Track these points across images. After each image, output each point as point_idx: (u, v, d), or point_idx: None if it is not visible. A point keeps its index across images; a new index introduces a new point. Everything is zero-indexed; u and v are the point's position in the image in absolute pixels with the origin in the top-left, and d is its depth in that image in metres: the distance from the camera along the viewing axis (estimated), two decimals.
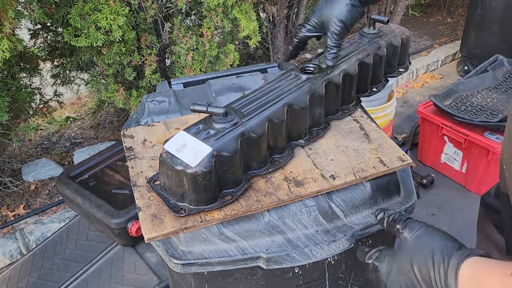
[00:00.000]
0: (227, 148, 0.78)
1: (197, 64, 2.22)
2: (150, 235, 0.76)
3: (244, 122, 0.83)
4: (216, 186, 0.79)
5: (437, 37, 4.43)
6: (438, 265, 0.55)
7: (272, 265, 0.80)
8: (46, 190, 2.36)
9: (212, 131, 0.80)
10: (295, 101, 0.90)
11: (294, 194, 0.83)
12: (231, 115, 0.84)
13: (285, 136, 0.91)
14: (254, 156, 0.85)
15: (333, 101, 1.03)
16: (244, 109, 0.87)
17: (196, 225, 0.78)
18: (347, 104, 1.09)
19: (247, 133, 0.81)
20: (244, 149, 0.82)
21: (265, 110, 0.86)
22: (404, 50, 1.18)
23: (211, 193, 0.79)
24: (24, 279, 1.69)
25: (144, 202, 0.82)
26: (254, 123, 0.83)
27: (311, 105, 0.94)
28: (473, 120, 2.13)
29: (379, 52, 1.09)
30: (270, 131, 0.86)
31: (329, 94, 0.99)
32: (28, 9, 1.72)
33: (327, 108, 1.02)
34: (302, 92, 0.93)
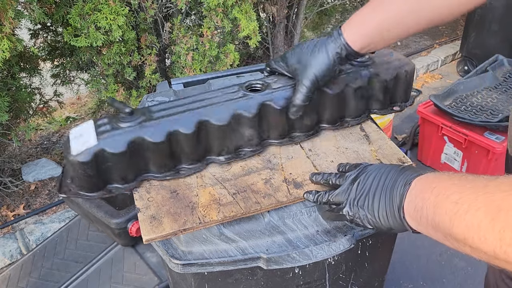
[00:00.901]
0: (114, 146, 0.80)
1: (197, 64, 2.22)
2: (149, 236, 0.76)
3: (146, 126, 0.82)
4: (98, 178, 0.81)
5: (437, 37, 4.43)
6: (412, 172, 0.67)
7: (272, 266, 0.80)
8: (46, 190, 2.36)
9: (110, 127, 0.83)
10: (213, 116, 0.85)
11: (293, 196, 0.83)
12: (137, 116, 0.84)
13: (196, 149, 0.87)
14: (152, 159, 0.84)
15: (273, 125, 0.92)
16: (157, 113, 0.86)
17: (194, 227, 0.78)
18: (299, 132, 0.95)
19: (143, 137, 0.81)
20: (139, 151, 0.83)
21: (174, 119, 0.84)
22: (403, 86, 1.01)
23: (91, 183, 0.82)
24: (24, 279, 1.69)
25: (143, 203, 0.82)
26: (155, 129, 0.82)
27: (237, 124, 0.88)
28: (473, 120, 2.13)
29: (355, 83, 0.94)
30: (175, 141, 0.84)
31: (268, 117, 0.90)
32: (28, 9, 1.72)
33: (267, 131, 0.92)
34: (227, 108, 0.86)
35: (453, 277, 1.88)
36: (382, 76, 0.97)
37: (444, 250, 2.01)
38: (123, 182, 0.85)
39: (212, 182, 0.87)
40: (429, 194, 0.58)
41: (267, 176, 0.88)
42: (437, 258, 1.97)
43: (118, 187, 0.85)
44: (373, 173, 0.73)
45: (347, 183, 0.76)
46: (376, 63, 0.99)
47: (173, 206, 0.81)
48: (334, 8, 4.01)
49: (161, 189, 0.85)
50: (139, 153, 0.83)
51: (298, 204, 0.85)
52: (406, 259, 1.97)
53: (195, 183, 0.86)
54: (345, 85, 0.93)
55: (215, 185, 0.86)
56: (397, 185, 0.67)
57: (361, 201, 0.72)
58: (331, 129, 0.98)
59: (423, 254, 1.99)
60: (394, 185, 0.67)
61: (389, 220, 0.67)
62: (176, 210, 0.80)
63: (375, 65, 0.98)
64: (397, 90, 1.01)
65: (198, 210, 0.80)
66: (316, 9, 3.48)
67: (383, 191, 0.69)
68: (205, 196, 0.83)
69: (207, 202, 0.82)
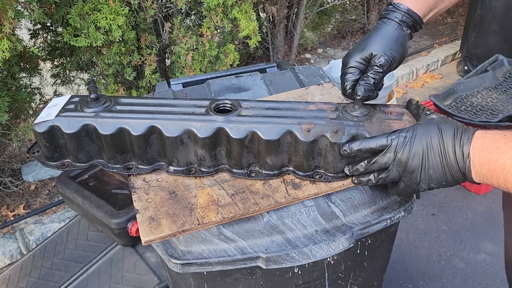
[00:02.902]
0: (68, 126, 0.84)
1: (197, 64, 2.22)
2: (148, 238, 0.76)
3: (101, 116, 0.85)
4: (54, 150, 0.88)
5: (437, 37, 4.43)
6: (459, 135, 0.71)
7: (271, 265, 0.80)
8: (46, 190, 2.37)
9: (73, 107, 0.88)
10: (164, 127, 0.84)
11: (292, 197, 0.83)
12: (101, 104, 0.88)
13: (146, 152, 0.87)
14: (103, 149, 0.88)
15: (231, 154, 0.85)
16: (121, 107, 0.89)
17: (193, 228, 0.78)
18: (261, 168, 0.86)
19: (94, 126, 0.85)
20: (91, 138, 0.87)
21: (128, 118, 0.85)
22: None
23: (48, 152, 0.88)
24: (24, 279, 1.69)
25: (142, 204, 0.82)
26: (108, 121, 0.85)
27: (190, 141, 0.84)
28: (473, 120, 2.13)
29: (333, 137, 0.80)
30: (125, 139, 0.86)
31: (225, 143, 0.85)
32: (28, 9, 1.72)
33: (225, 157, 0.87)
34: (181, 123, 0.83)
35: (453, 277, 1.88)
36: None
37: (444, 250, 2.01)
38: (76, 161, 0.90)
39: (211, 183, 0.87)
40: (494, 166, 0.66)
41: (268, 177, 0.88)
42: (437, 258, 1.97)
43: (72, 163, 0.90)
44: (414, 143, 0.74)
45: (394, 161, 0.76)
46: (373, 120, 0.84)
47: (171, 207, 0.81)
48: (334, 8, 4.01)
49: (160, 190, 0.85)
50: (91, 139, 0.87)
51: (297, 204, 0.85)
52: (406, 259, 1.97)
53: (194, 184, 0.86)
54: (320, 135, 0.81)
55: (214, 186, 0.86)
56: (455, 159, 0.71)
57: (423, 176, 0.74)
58: (300, 177, 0.86)
59: (423, 254, 1.99)
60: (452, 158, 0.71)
61: (457, 182, 0.74)
62: (175, 211, 0.80)
63: (369, 123, 0.83)
64: None
65: (197, 211, 0.80)
66: (316, 9, 3.48)
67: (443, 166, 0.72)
68: (204, 197, 0.83)
69: (205, 203, 0.82)
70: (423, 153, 0.73)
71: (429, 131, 0.73)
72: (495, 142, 0.67)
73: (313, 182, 0.85)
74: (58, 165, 0.90)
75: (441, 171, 0.73)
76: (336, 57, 4.01)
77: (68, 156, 0.90)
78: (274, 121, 0.83)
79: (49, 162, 0.90)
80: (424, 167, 0.73)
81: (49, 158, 0.90)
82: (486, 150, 0.68)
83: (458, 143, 0.70)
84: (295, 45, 3.41)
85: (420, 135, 0.74)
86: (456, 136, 0.71)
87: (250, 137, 0.82)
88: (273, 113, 0.86)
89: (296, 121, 0.82)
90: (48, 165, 0.90)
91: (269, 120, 0.83)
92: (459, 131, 0.72)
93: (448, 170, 0.72)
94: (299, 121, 0.82)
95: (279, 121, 0.83)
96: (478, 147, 0.69)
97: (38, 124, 0.84)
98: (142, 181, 0.88)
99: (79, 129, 0.84)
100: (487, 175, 0.68)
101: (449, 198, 2.32)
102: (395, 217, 0.88)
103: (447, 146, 0.71)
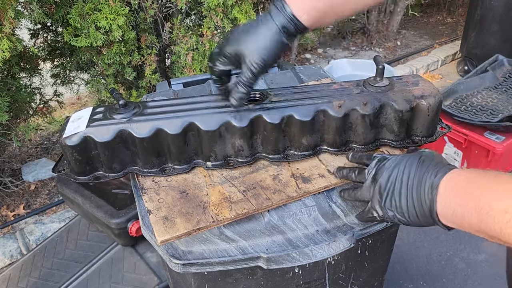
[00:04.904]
0: (101, 135, 0.82)
1: (197, 64, 2.22)
2: (163, 237, 0.75)
3: (134, 121, 0.84)
4: (86, 163, 0.85)
5: (437, 37, 4.43)
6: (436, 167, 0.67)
7: (272, 265, 0.80)
8: (46, 190, 2.36)
9: (102, 116, 0.85)
10: (201, 122, 0.84)
11: (303, 191, 0.84)
12: (130, 109, 0.86)
13: (183, 150, 0.87)
14: (138, 154, 0.86)
15: (268, 140, 0.88)
16: (150, 109, 0.87)
17: (208, 226, 0.77)
18: (296, 150, 0.90)
19: (129, 131, 0.83)
20: (126, 144, 0.85)
21: (162, 118, 0.84)
22: (423, 120, 0.89)
23: (78, 167, 0.85)
24: (24, 279, 1.69)
25: (154, 205, 0.82)
26: (142, 125, 0.83)
27: (227, 133, 0.86)
28: (473, 120, 2.13)
29: (363, 109, 0.86)
30: (162, 140, 0.85)
31: (262, 130, 0.87)
32: (28, 9, 1.72)
33: (261, 144, 0.89)
34: (219, 116, 0.84)
35: (453, 277, 1.88)
36: (397, 105, 0.87)
37: (444, 250, 2.01)
38: (109, 171, 0.87)
39: (221, 180, 0.87)
40: (467, 200, 0.58)
41: (275, 172, 0.88)
42: (437, 258, 1.97)
43: (106, 175, 0.87)
44: (392, 169, 0.72)
45: (368, 181, 0.76)
46: (395, 90, 0.89)
47: (184, 206, 0.81)
48: None
49: (170, 190, 0.85)
50: (125, 146, 0.85)
51: (298, 204, 0.85)
52: (406, 259, 1.97)
53: (204, 183, 0.86)
54: (351, 108, 0.86)
55: (224, 183, 0.86)
56: (423, 186, 0.66)
57: (388, 203, 0.72)
58: (333, 153, 0.91)
59: (423, 254, 1.99)
60: (419, 186, 0.67)
61: (420, 220, 0.68)
62: (188, 210, 0.80)
63: (393, 92, 0.88)
64: (416, 124, 0.90)
65: (210, 209, 0.80)
66: None
67: (409, 192, 0.69)
68: (215, 194, 0.83)
69: (218, 200, 0.82)
70: (396, 178, 0.71)
71: (410, 159, 0.72)
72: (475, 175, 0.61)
73: (322, 176, 0.87)
74: (91, 178, 0.87)
75: (405, 200, 0.69)
76: (336, 57, 4.01)
77: (101, 168, 0.86)
78: (305, 102, 0.87)
79: (80, 176, 0.86)
80: (391, 191, 0.71)
81: (79, 173, 0.86)
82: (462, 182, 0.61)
83: (430, 173, 0.66)
84: (295, 45, 3.41)
85: (400, 161, 0.72)
86: (432, 166, 0.68)
87: (286, 121, 0.86)
88: (301, 96, 0.90)
89: (326, 100, 0.87)
90: (79, 180, 0.87)
91: (301, 102, 0.87)
92: (438, 164, 0.68)
93: (411, 201, 0.68)
94: (329, 99, 0.87)
95: (310, 102, 0.87)
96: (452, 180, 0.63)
97: (69, 138, 0.81)
98: (151, 181, 0.87)
99: (114, 137, 0.82)
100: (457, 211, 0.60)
101: None
102: None
103: (418, 174, 0.68)
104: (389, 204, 0.71)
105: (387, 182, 0.72)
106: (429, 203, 0.65)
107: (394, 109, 0.87)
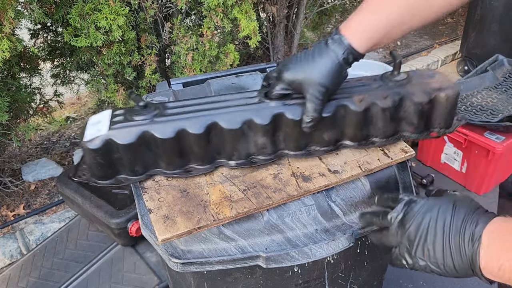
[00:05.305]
0: (124, 137, 0.80)
1: (197, 64, 2.22)
2: (164, 236, 0.75)
3: (156, 122, 0.82)
4: (108, 167, 0.83)
5: (437, 37, 4.43)
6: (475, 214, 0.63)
7: (271, 264, 0.80)
8: (46, 190, 2.36)
9: (122, 118, 0.84)
10: (224, 120, 0.84)
11: (303, 189, 0.84)
12: (150, 110, 0.84)
13: (206, 150, 0.86)
14: (161, 155, 0.85)
15: (290, 136, 0.88)
16: (171, 110, 0.86)
17: (209, 224, 0.78)
18: (318, 146, 0.91)
19: (151, 132, 0.82)
20: (148, 146, 0.83)
21: (184, 118, 0.84)
22: (442, 111, 0.90)
23: (100, 171, 0.83)
24: (24, 279, 1.69)
25: (154, 204, 0.82)
26: (164, 125, 0.82)
27: (250, 131, 0.85)
28: (473, 120, 2.13)
29: (383, 103, 0.87)
30: (185, 140, 0.84)
31: (284, 127, 0.87)
32: (28, 9, 1.72)
33: (283, 141, 0.89)
34: (241, 114, 0.85)
35: None
36: (417, 98, 0.88)
37: None
38: (132, 174, 0.85)
39: (221, 179, 0.87)
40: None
41: (275, 171, 0.89)
42: None
43: (128, 178, 0.85)
44: (424, 215, 0.67)
45: (394, 226, 0.70)
46: (413, 83, 0.90)
47: (185, 205, 0.81)
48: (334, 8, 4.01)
49: (171, 189, 0.85)
50: (148, 147, 0.83)
51: (297, 203, 0.85)
52: None
53: (204, 182, 0.87)
54: (371, 103, 0.87)
55: (225, 182, 0.86)
56: (463, 237, 0.62)
57: (419, 252, 0.66)
58: (354, 147, 0.92)
59: None
60: (458, 236, 0.62)
61: (458, 272, 0.63)
62: (189, 209, 0.80)
63: (411, 85, 0.89)
64: (435, 115, 0.91)
65: (211, 208, 0.80)
66: (316, 9, 3.48)
67: (445, 242, 0.63)
68: (216, 193, 0.83)
69: (218, 199, 0.82)
70: (429, 225, 0.66)
71: (444, 205, 0.66)
72: None
73: (322, 175, 0.87)
74: (113, 182, 0.85)
75: (441, 249, 0.64)
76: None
77: (123, 171, 0.85)
78: None
79: (102, 181, 0.85)
80: (424, 240, 0.65)
81: (101, 177, 0.84)
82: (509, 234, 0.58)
83: (470, 222, 0.62)
84: (295, 45, 3.41)
85: (432, 207, 0.67)
86: (470, 214, 0.63)
87: None
88: None
89: (346, 95, 0.87)
90: (101, 184, 0.85)
91: None
92: (477, 211, 0.64)
93: (449, 251, 0.63)
94: (349, 95, 0.87)
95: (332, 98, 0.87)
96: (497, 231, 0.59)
97: (91, 141, 0.80)
98: (152, 181, 0.88)
99: (136, 139, 0.81)
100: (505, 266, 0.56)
101: None
102: None
103: (456, 222, 0.63)
104: (421, 253, 0.66)
105: (417, 229, 0.66)
106: (471, 256, 0.60)
107: (414, 101, 0.88)
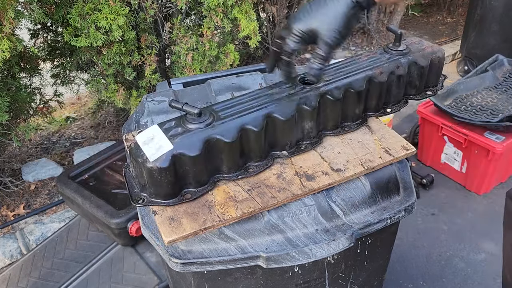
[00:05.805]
0: (190, 148, 0.78)
1: (197, 64, 2.22)
2: (171, 238, 0.75)
3: (216, 126, 0.81)
4: (175, 183, 0.80)
5: (437, 37, 4.43)
6: None
7: (271, 264, 0.80)
8: (46, 190, 2.36)
9: (181, 130, 0.81)
10: (278, 112, 0.86)
11: (307, 188, 0.84)
12: (205, 116, 0.83)
13: (263, 145, 0.88)
14: (224, 160, 0.84)
15: (330, 116, 0.96)
16: (222, 112, 0.85)
17: (215, 225, 0.78)
18: (350, 121, 1.00)
19: (216, 137, 0.80)
20: (212, 152, 0.82)
21: (242, 116, 0.84)
22: (434, 71, 1.07)
23: (168, 189, 0.80)
24: (24, 279, 1.69)
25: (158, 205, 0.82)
26: (226, 128, 0.81)
27: (299, 118, 0.90)
28: (473, 120, 2.13)
29: (397, 71, 1.00)
30: (245, 139, 0.84)
31: (325, 109, 0.93)
32: (28, 9, 1.72)
33: (323, 123, 0.96)
34: (290, 103, 0.88)
35: (453, 277, 1.88)
36: (420, 63, 1.03)
37: (443, 250, 2.01)
38: (197, 185, 0.83)
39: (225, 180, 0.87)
40: None
41: (278, 170, 0.89)
42: (437, 258, 1.97)
43: (193, 191, 0.83)
44: None
45: None
46: (413, 51, 1.04)
47: (189, 206, 0.81)
48: None
49: None
50: (212, 154, 0.82)
51: (297, 203, 0.85)
52: (405, 258, 1.97)
53: None
54: (389, 73, 0.99)
55: (228, 182, 0.86)
56: None
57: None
58: (376, 116, 1.04)
59: (422, 254, 1.99)
60: None
61: None
62: (194, 210, 0.80)
63: (412, 53, 1.04)
64: (430, 76, 1.08)
65: (216, 208, 0.80)
66: None
67: None
68: (220, 194, 0.83)
69: (223, 200, 0.82)
70: None
71: None
72: None
73: (325, 173, 0.87)
74: (181, 199, 0.82)
75: None
76: (336, 57, 4.01)
77: (189, 184, 0.83)
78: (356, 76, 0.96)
79: (169, 199, 0.81)
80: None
81: (168, 195, 0.81)
82: None
83: None
84: None
85: None
86: None
87: (344, 94, 0.94)
88: (345, 71, 0.98)
89: (369, 68, 0.98)
90: (165, 203, 0.81)
91: (351, 74, 0.97)
92: None
93: None
94: (370, 68, 0.98)
95: (358, 73, 0.97)
96: None
97: (159, 160, 0.76)
98: None
99: (202, 147, 0.79)
100: None
101: (449, 198, 2.32)
102: (395, 217, 0.88)
103: None
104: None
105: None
106: None
107: (419, 66, 1.03)
